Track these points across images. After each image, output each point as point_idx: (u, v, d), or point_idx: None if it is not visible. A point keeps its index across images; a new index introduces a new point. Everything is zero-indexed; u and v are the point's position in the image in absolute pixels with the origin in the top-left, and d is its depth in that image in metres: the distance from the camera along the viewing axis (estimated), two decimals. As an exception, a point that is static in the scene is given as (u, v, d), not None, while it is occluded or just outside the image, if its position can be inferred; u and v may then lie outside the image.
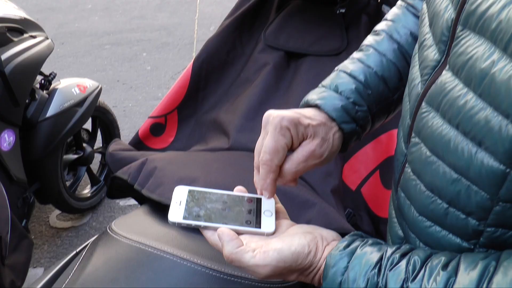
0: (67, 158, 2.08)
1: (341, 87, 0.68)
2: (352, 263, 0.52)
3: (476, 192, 0.48)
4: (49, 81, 1.85)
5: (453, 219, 0.51)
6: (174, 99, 1.29)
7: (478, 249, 0.50)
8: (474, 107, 0.46)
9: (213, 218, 0.60)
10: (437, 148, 0.51)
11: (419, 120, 0.55)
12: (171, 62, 3.78)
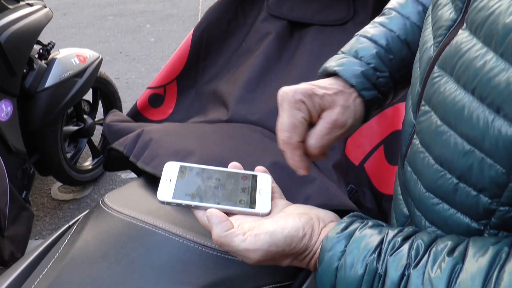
0: (68, 129, 2.05)
1: (361, 52, 0.65)
2: (350, 246, 0.49)
3: (491, 166, 0.43)
4: (47, 51, 1.81)
5: (462, 196, 0.47)
6: (173, 70, 1.25)
7: (488, 230, 0.47)
8: (494, 68, 0.41)
9: (204, 197, 0.57)
10: (449, 116, 0.47)
11: (430, 86, 0.51)
12: (175, 34, 3.72)
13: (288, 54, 1.15)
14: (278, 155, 0.89)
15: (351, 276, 0.47)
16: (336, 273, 0.48)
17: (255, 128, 0.99)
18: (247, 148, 0.88)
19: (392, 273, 0.45)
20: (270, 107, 1.03)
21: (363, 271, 0.47)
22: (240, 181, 0.60)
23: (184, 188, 0.57)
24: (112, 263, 0.66)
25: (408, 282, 0.44)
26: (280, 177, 0.83)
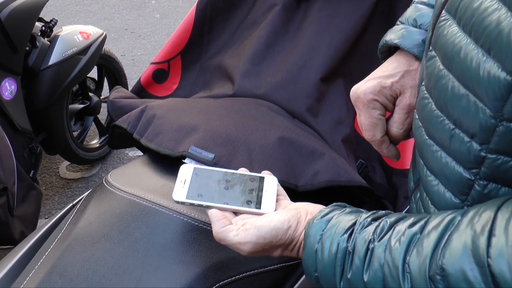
0: (73, 107, 2.04)
1: (420, 19, 0.65)
2: (326, 231, 0.53)
3: (481, 110, 0.45)
4: (50, 28, 1.77)
5: (457, 143, 0.49)
6: (176, 44, 1.21)
7: (478, 181, 0.48)
8: (488, 8, 0.43)
9: (214, 198, 0.62)
10: (448, 58, 0.49)
11: (437, 30, 0.52)
12: (180, 10, 3.65)
13: (295, 25, 1.11)
14: (285, 129, 0.87)
15: (326, 256, 0.52)
16: (316, 256, 0.53)
17: (261, 102, 0.96)
18: (254, 123, 0.85)
19: (359, 248, 0.49)
20: (276, 80, 1.00)
21: (336, 250, 0.51)
22: (248, 182, 0.65)
23: (196, 189, 0.63)
24: (115, 243, 0.64)
25: (372, 255, 0.48)
26: (288, 152, 0.81)
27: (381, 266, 0.47)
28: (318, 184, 0.77)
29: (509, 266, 0.38)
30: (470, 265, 0.40)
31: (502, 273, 0.38)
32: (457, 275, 0.41)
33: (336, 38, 1.03)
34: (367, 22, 1.09)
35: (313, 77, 0.98)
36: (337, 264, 0.51)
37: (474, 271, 0.40)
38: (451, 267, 0.42)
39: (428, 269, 0.44)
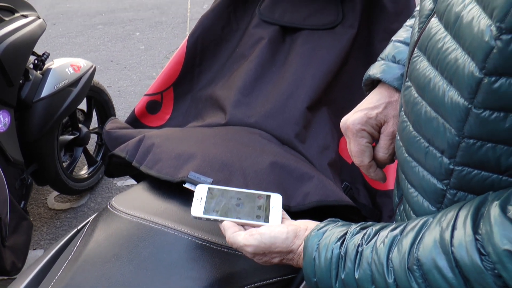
0: (63, 139, 2.07)
1: (398, 56, 0.74)
2: (322, 241, 0.61)
3: (448, 130, 0.53)
4: (42, 61, 1.83)
5: (431, 159, 0.57)
6: (169, 76, 1.28)
7: (449, 190, 0.56)
8: (449, 48, 0.51)
9: (228, 213, 0.70)
10: (421, 88, 0.57)
11: (411, 64, 0.60)
12: (164, 41, 3.74)
13: (281, 58, 1.19)
14: (276, 155, 0.93)
15: (323, 262, 0.60)
16: (314, 263, 0.61)
17: (252, 130, 1.03)
18: (247, 150, 0.92)
19: (350, 252, 0.58)
20: (266, 110, 1.07)
21: (330, 255, 0.59)
22: (257, 200, 0.73)
23: (212, 206, 0.71)
24: (124, 262, 0.69)
25: (361, 257, 0.56)
26: (280, 175, 0.87)
27: (369, 265, 0.55)
28: (309, 204, 0.84)
29: (467, 252, 0.47)
30: (439, 255, 0.49)
31: (462, 258, 0.48)
32: (429, 263, 0.50)
33: (319, 70, 1.11)
34: (347, 55, 1.18)
35: (300, 106, 1.06)
36: (332, 268, 0.59)
37: (442, 259, 0.49)
38: (424, 258, 0.50)
39: (407, 262, 0.52)
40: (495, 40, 0.44)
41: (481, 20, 0.45)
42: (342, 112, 1.14)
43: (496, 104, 0.47)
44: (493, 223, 0.46)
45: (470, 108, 0.49)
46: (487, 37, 0.44)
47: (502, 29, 0.43)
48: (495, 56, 0.44)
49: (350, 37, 1.17)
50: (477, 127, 0.49)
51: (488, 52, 0.45)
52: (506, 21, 0.42)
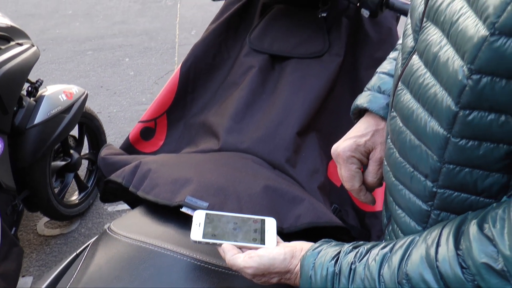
0: (55, 165, 2.09)
1: (383, 86, 0.80)
2: (318, 260, 0.66)
3: (430, 156, 0.58)
4: (36, 88, 1.86)
5: (416, 182, 0.62)
6: (163, 103, 1.32)
7: (433, 211, 0.61)
8: (429, 83, 0.56)
9: (226, 237, 0.74)
10: (405, 118, 0.62)
11: (396, 96, 0.65)
12: (154, 67, 3.79)
13: (271, 86, 1.24)
14: (268, 179, 0.97)
15: (319, 280, 0.64)
16: (310, 281, 0.65)
17: (245, 155, 1.07)
18: (240, 174, 0.96)
19: (344, 270, 0.62)
20: (257, 136, 1.11)
21: (326, 273, 0.64)
22: (252, 224, 0.77)
23: (210, 230, 0.74)
24: (126, 284, 0.71)
25: (355, 273, 0.61)
26: (273, 199, 0.91)
27: (362, 281, 0.60)
28: (301, 226, 0.88)
29: (450, 266, 0.52)
30: (426, 269, 0.54)
31: (446, 272, 0.53)
32: (417, 277, 0.55)
33: (308, 97, 1.17)
34: (334, 82, 1.23)
35: (290, 132, 1.11)
36: (328, 285, 0.63)
37: (428, 272, 0.54)
38: (412, 272, 0.55)
39: (397, 277, 0.57)
40: (467, 79, 0.49)
41: (455, 61, 0.51)
42: (330, 137, 1.19)
43: (471, 134, 0.52)
44: (472, 239, 0.51)
45: (449, 137, 0.54)
46: (460, 76, 0.50)
47: (472, 70, 0.49)
48: (468, 93, 0.50)
49: (336, 65, 1.23)
50: (456, 154, 0.55)
51: (461, 89, 0.50)
52: (475, 63, 0.48)
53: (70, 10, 5.04)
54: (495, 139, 0.52)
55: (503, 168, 0.53)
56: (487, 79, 0.48)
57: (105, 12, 4.97)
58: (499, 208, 0.51)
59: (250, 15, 1.41)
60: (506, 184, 0.54)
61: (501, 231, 0.49)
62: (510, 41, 0.45)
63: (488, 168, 0.54)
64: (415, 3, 0.64)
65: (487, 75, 0.48)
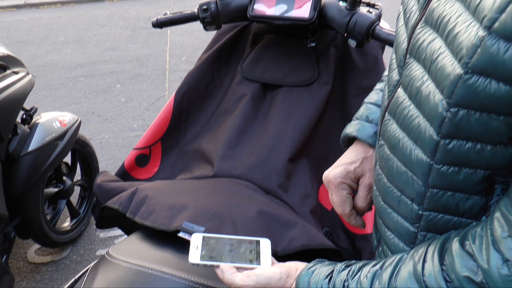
0: (48, 191, 2.09)
1: (370, 116, 0.85)
2: (312, 278, 0.69)
3: (416, 181, 0.62)
4: (30, 116, 1.88)
5: (403, 205, 0.66)
6: (157, 131, 1.35)
7: (420, 232, 0.65)
8: (413, 115, 0.61)
9: (223, 258, 0.77)
10: (392, 146, 0.67)
11: (383, 126, 0.70)
12: (145, 93, 3.84)
13: (263, 113, 1.28)
14: (262, 204, 1.01)
15: None
16: None
17: (239, 181, 1.10)
18: (235, 200, 0.99)
19: (337, 287, 0.65)
20: (251, 162, 1.15)
21: None
22: (248, 245, 0.81)
23: (208, 253, 0.77)
24: (126, 307, 0.73)
25: None
26: (267, 223, 0.94)
27: None
28: (294, 249, 0.91)
29: (436, 280, 0.56)
30: (413, 284, 0.58)
31: (432, 285, 0.56)
32: None
33: (299, 124, 1.21)
34: (323, 109, 1.28)
35: (282, 158, 1.15)
36: None
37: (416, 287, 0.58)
38: (401, 287, 0.59)
39: None
40: (446, 112, 0.54)
41: (435, 95, 0.56)
42: (320, 162, 1.23)
43: (451, 161, 0.57)
44: (454, 255, 0.56)
45: (432, 164, 0.59)
46: (440, 109, 0.55)
47: (450, 104, 0.54)
48: (447, 124, 0.55)
49: (325, 93, 1.28)
50: (439, 179, 0.59)
51: (442, 121, 0.55)
52: (452, 98, 0.53)
53: (61, 36, 5.11)
54: (473, 165, 0.56)
55: (481, 191, 0.58)
56: (463, 112, 0.53)
57: (96, 38, 5.04)
58: (478, 226, 0.56)
59: (242, 44, 1.46)
60: (484, 206, 0.59)
61: (480, 247, 0.53)
62: (481, 79, 0.50)
63: (468, 191, 0.59)
64: (399, 40, 0.69)
65: (463, 108, 0.53)
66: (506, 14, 0.46)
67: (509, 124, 0.51)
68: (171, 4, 6.16)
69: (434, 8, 0.58)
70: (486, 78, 0.49)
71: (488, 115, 0.51)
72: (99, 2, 6.42)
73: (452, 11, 0.54)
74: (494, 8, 0.48)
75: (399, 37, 0.70)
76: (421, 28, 0.61)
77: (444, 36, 0.55)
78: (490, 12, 0.48)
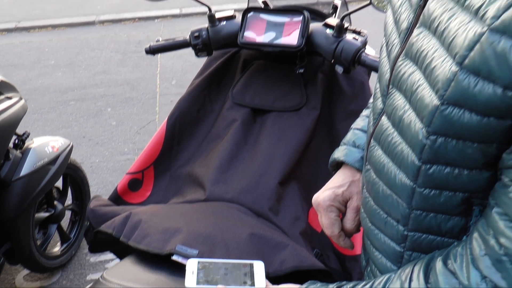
0: (39, 216, 2.09)
1: (357, 141, 0.89)
2: None
3: (400, 204, 0.66)
4: (22, 141, 1.89)
5: (389, 226, 0.70)
6: (150, 155, 1.38)
7: (406, 252, 0.69)
8: (396, 141, 0.65)
9: (219, 282, 0.79)
10: (378, 171, 0.70)
11: (369, 152, 0.74)
12: (135, 117, 3.85)
13: (253, 138, 1.32)
14: (253, 227, 1.03)
15: None
16: None
17: (231, 205, 1.13)
18: (227, 223, 1.02)
19: None
20: (242, 186, 1.18)
21: None
22: (242, 268, 0.83)
23: (203, 277, 0.80)
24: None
25: None
26: (258, 245, 0.97)
27: None
28: (286, 270, 0.93)
29: None
30: None
31: None
32: None
33: (288, 148, 1.25)
34: (312, 134, 1.32)
35: (272, 182, 1.18)
36: None
37: None
38: None
39: None
40: (426, 139, 0.58)
41: (416, 123, 0.60)
42: (310, 185, 1.26)
43: (432, 185, 0.61)
44: (438, 274, 0.59)
45: (415, 187, 0.63)
46: (421, 136, 0.59)
47: (429, 132, 0.58)
48: (427, 150, 0.59)
49: (314, 118, 1.32)
50: (421, 201, 0.63)
51: (422, 147, 0.59)
52: (431, 127, 0.57)
53: (52, 60, 5.13)
54: (452, 188, 0.60)
55: (461, 212, 0.62)
56: (441, 139, 0.57)
57: (87, 62, 5.07)
58: (459, 246, 0.59)
59: (232, 70, 1.51)
60: (464, 226, 0.62)
61: (461, 265, 0.57)
62: (455, 110, 0.54)
63: (449, 213, 0.62)
64: (383, 70, 0.73)
65: (441, 136, 0.57)
66: (474, 52, 0.51)
67: (483, 151, 0.55)
68: (161, 27, 6.23)
69: (413, 43, 0.62)
70: (460, 109, 0.54)
71: (464, 143, 0.55)
72: (90, 26, 6.47)
73: (429, 46, 0.59)
74: (464, 46, 0.52)
75: (382, 68, 0.74)
76: (402, 61, 0.65)
77: (422, 69, 0.60)
78: (461, 50, 0.52)
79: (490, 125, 0.52)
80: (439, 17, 0.57)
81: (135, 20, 6.53)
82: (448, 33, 0.55)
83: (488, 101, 0.51)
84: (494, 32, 0.49)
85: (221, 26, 1.43)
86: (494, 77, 0.49)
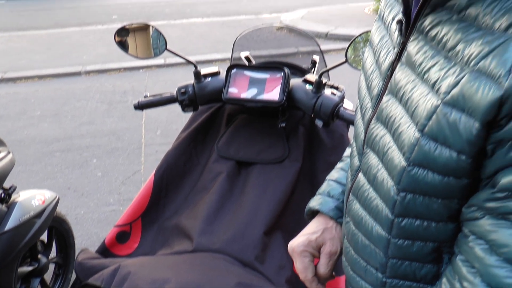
0: (22, 270, 2.06)
1: (331, 192, 0.94)
2: None
3: (378, 253, 0.71)
4: (9, 195, 1.90)
5: (369, 274, 0.74)
6: (138, 208, 1.42)
7: None
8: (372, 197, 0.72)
9: None
10: (356, 223, 0.76)
11: (348, 205, 0.79)
12: (121, 167, 3.87)
13: (238, 190, 1.37)
14: (240, 276, 1.07)
15: None
16: None
17: (217, 255, 1.17)
18: (214, 273, 1.05)
19: None
20: (228, 237, 1.22)
21: None
22: None
23: None
24: None
25: None
26: (245, 294, 1.00)
27: None
28: (272, 318, 0.97)
29: None
30: None
31: None
32: None
33: (272, 200, 1.30)
34: (294, 185, 1.38)
35: (257, 232, 1.22)
36: None
37: None
38: None
39: None
40: (396, 195, 0.65)
41: (388, 181, 0.67)
42: (293, 235, 1.30)
43: (405, 236, 0.67)
44: None
45: (390, 238, 0.69)
46: (392, 193, 0.66)
47: (399, 189, 0.65)
48: (398, 205, 0.66)
49: (296, 170, 1.38)
50: (396, 251, 0.69)
51: (394, 203, 0.66)
52: (400, 185, 0.64)
53: (38, 111, 5.17)
54: (423, 238, 0.66)
55: (433, 260, 0.67)
56: (410, 196, 0.64)
57: (73, 112, 5.12)
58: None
59: (217, 124, 1.57)
60: (436, 273, 0.68)
61: None
62: (420, 170, 0.61)
63: (422, 261, 0.68)
64: (358, 131, 0.80)
65: (410, 193, 0.64)
66: (432, 122, 0.59)
67: (446, 206, 0.62)
68: (146, 77, 6.36)
69: (383, 108, 0.70)
70: (424, 169, 0.61)
71: (429, 199, 0.62)
72: (76, 76, 6.57)
73: (396, 113, 0.66)
74: (423, 115, 0.60)
75: (357, 129, 0.81)
76: (374, 124, 0.72)
77: (391, 133, 0.67)
78: (421, 119, 0.60)
79: (449, 183, 0.59)
80: (404, 87, 0.65)
81: (121, 71, 6.65)
82: (411, 102, 0.63)
83: (446, 164, 0.58)
84: (447, 105, 0.57)
85: (206, 83, 1.51)
86: (449, 143, 0.57)
